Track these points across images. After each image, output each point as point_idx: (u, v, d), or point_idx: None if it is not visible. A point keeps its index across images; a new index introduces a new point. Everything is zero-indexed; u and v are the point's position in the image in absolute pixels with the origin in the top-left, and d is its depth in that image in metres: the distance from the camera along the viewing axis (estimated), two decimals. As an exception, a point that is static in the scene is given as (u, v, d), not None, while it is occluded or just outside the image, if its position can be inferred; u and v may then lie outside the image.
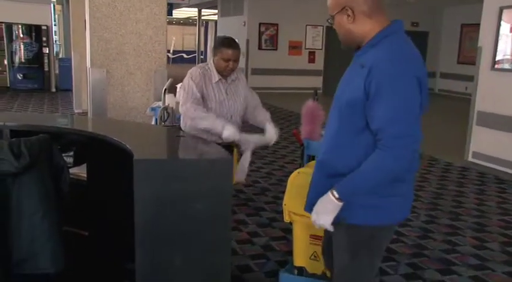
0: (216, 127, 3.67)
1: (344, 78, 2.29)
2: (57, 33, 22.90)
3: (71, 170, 3.26)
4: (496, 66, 7.15)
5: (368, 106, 2.08)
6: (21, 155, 2.65)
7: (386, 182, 2.12)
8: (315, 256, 3.30)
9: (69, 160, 3.62)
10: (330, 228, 2.21)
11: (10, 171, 2.61)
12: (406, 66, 2.10)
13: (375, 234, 2.29)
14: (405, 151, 2.06)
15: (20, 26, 14.68)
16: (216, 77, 3.86)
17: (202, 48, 25.86)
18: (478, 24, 7.64)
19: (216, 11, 20.59)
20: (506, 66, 7.04)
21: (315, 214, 2.22)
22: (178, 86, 5.24)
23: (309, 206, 2.32)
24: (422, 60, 2.23)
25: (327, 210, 2.17)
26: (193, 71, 3.88)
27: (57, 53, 19.67)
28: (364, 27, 2.18)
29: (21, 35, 14.77)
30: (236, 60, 3.86)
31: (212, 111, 3.83)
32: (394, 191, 2.21)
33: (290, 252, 3.86)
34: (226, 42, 3.85)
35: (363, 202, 2.18)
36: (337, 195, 2.13)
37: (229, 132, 3.64)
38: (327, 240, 2.61)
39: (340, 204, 2.13)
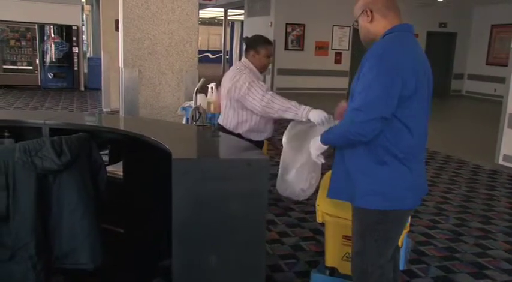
0: (301, 114, 3.46)
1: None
2: (85, 33, 23.21)
3: (107, 168, 3.31)
4: (529, 67, 7.05)
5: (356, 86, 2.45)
6: (63, 153, 2.70)
7: (344, 140, 2.50)
8: (347, 257, 3.29)
9: (105, 158, 3.67)
10: (316, 159, 2.78)
11: (52, 168, 2.66)
12: (385, 53, 2.38)
13: (381, 219, 2.50)
14: (355, 120, 2.37)
15: (51, 26, 14.90)
16: (259, 76, 3.90)
17: (227, 48, 25.95)
18: (509, 25, 7.53)
19: (242, 11, 20.62)
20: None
21: (311, 148, 2.77)
22: (210, 86, 5.29)
23: (330, 192, 2.70)
24: (417, 61, 2.43)
25: (314, 146, 2.72)
26: (245, 75, 3.77)
27: (85, 53, 19.92)
28: (379, 26, 2.50)
29: (53, 35, 14.99)
30: (271, 56, 3.98)
31: None
32: (398, 178, 2.45)
33: (320, 253, 3.87)
34: (266, 40, 3.98)
35: (370, 187, 2.47)
36: (322, 140, 2.65)
37: (316, 113, 3.41)
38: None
39: (323, 146, 2.67)
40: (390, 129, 2.38)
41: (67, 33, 15.08)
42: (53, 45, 15.02)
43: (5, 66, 14.93)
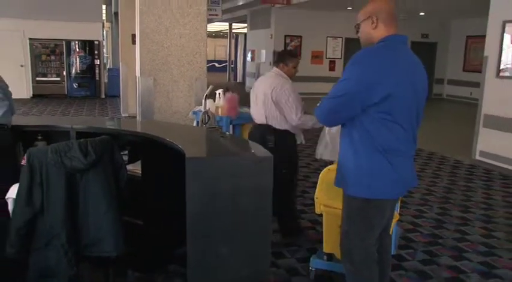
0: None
1: None
2: (106, 46, 23.24)
3: (127, 167, 3.30)
4: (500, 74, 7.05)
5: None
6: (88, 154, 2.71)
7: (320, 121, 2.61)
8: (343, 244, 3.29)
9: (125, 158, 3.68)
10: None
11: (79, 167, 2.67)
12: (363, 57, 2.40)
13: (363, 206, 2.51)
14: (322, 106, 2.47)
15: (76, 42, 14.99)
16: (290, 81, 4.10)
17: (232, 58, 25.94)
18: (482, 36, 7.56)
19: (245, 24, 20.63)
20: (508, 74, 6.97)
21: None
22: (217, 92, 5.29)
23: (337, 181, 2.64)
24: (398, 69, 2.38)
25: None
26: (286, 82, 4.03)
27: (105, 64, 19.96)
28: (379, 34, 2.47)
29: (77, 50, 15.07)
30: None
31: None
32: (381, 171, 2.43)
33: (319, 241, 3.86)
34: (293, 54, 4.23)
35: (356, 177, 2.47)
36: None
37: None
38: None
39: None
40: (371, 125, 2.38)
41: (90, 48, 15.14)
42: (77, 59, 15.09)
43: (37, 78, 14.99)
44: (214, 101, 5.30)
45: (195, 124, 5.45)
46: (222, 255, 2.61)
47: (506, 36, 6.95)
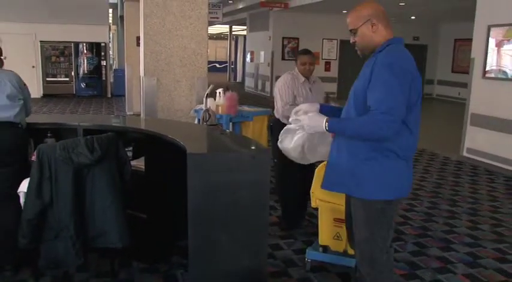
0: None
1: (357, 80, 2.41)
2: (112, 48, 23.21)
3: (131, 162, 3.30)
4: (486, 75, 7.06)
5: (368, 89, 2.24)
6: (94, 150, 2.71)
7: (362, 137, 2.28)
8: (337, 236, 3.30)
9: (129, 154, 3.67)
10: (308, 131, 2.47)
11: (86, 162, 2.68)
12: (400, 63, 2.24)
13: (385, 207, 2.36)
14: (383, 121, 2.17)
15: (84, 44, 14.98)
16: (301, 78, 4.17)
17: (232, 59, 25.90)
18: (469, 39, 7.57)
19: (244, 27, 20.59)
20: (493, 75, 6.97)
21: (307, 120, 2.42)
22: (218, 91, 5.28)
23: (325, 183, 2.51)
24: (416, 70, 2.33)
25: (314, 126, 2.40)
26: (286, 76, 4.19)
27: (111, 65, 19.93)
28: (380, 36, 2.34)
29: (85, 51, 15.06)
30: (312, 64, 4.19)
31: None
32: (398, 170, 2.32)
33: (315, 234, 3.85)
34: (301, 51, 4.33)
35: (376, 179, 2.30)
36: (327, 127, 2.34)
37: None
38: (350, 224, 2.60)
39: (325, 131, 2.37)
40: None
41: (97, 49, 15.12)
42: (85, 60, 15.07)
43: (47, 79, 14.99)
44: (215, 99, 5.30)
45: (196, 122, 5.45)
46: (221, 246, 2.60)
47: (491, 40, 6.97)
